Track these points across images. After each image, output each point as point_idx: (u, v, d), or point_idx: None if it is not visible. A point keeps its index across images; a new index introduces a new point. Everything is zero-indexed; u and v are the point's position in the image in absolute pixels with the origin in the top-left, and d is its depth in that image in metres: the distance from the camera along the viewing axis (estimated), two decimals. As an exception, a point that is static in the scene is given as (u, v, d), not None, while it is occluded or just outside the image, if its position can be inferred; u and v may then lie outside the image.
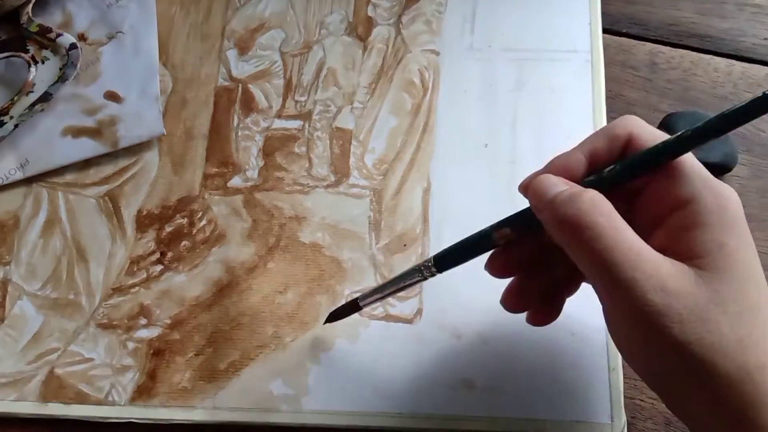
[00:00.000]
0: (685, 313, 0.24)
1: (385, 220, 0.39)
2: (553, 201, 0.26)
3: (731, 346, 0.24)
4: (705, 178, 0.26)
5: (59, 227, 0.40)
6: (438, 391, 0.36)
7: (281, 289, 0.38)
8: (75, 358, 0.38)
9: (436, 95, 0.42)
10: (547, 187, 0.27)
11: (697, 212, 0.25)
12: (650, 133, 0.27)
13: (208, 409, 0.36)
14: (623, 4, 0.45)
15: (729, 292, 0.24)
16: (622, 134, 0.27)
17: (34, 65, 0.43)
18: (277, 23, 0.45)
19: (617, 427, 0.34)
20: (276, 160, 0.41)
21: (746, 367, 0.24)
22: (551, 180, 0.27)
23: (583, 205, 0.25)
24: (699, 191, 0.26)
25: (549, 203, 0.26)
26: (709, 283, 0.24)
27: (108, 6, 0.45)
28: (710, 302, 0.24)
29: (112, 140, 0.42)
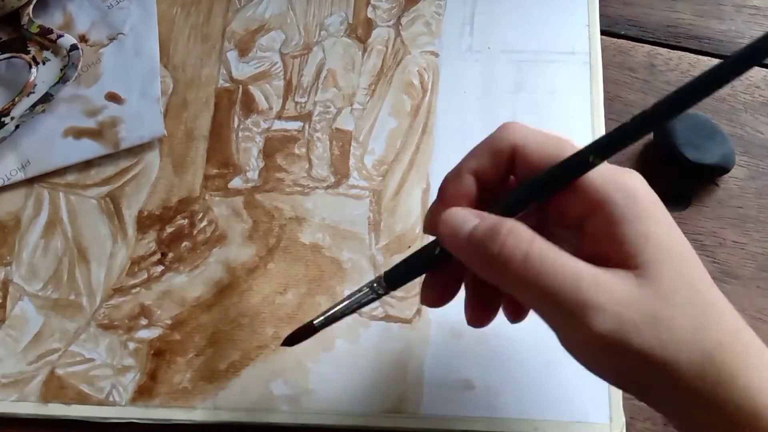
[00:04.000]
0: (639, 319, 0.23)
1: (384, 221, 0.40)
2: (470, 240, 0.25)
3: (689, 337, 0.23)
4: (608, 174, 0.25)
5: (60, 228, 0.41)
6: (438, 391, 0.36)
7: (281, 290, 0.38)
8: (76, 358, 0.38)
9: (436, 96, 0.42)
10: (459, 224, 0.25)
11: (611, 213, 0.24)
12: (535, 142, 0.26)
13: (208, 410, 0.36)
14: (621, 6, 0.45)
15: (671, 282, 0.24)
16: (505, 148, 0.26)
17: (35, 66, 0.43)
18: (278, 25, 0.45)
19: (616, 427, 0.35)
20: (276, 162, 0.41)
21: (706, 350, 0.23)
22: (459, 215, 0.25)
23: (505, 240, 0.24)
24: (605, 191, 0.24)
25: (466, 243, 0.25)
26: (650, 280, 0.23)
27: (109, 7, 0.45)
28: (658, 300, 0.23)
29: (113, 141, 0.42)
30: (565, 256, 0.24)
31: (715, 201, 0.40)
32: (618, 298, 0.23)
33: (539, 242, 0.24)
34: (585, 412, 0.35)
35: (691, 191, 0.40)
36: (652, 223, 0.24)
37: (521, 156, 0.26)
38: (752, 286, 0.38)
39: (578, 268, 0.24)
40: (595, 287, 0.23)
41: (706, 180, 0.40)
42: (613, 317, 0.23)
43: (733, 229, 0.39)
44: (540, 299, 0.24)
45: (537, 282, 0.24)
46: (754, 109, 0.42)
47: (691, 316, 0.23)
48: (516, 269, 0.24)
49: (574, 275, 0.23)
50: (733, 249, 0.39)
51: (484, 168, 0.27)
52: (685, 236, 0.25)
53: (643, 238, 0.24)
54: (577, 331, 0.24)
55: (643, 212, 0.24)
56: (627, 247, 0.24)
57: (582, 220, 0.25)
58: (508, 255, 0.24)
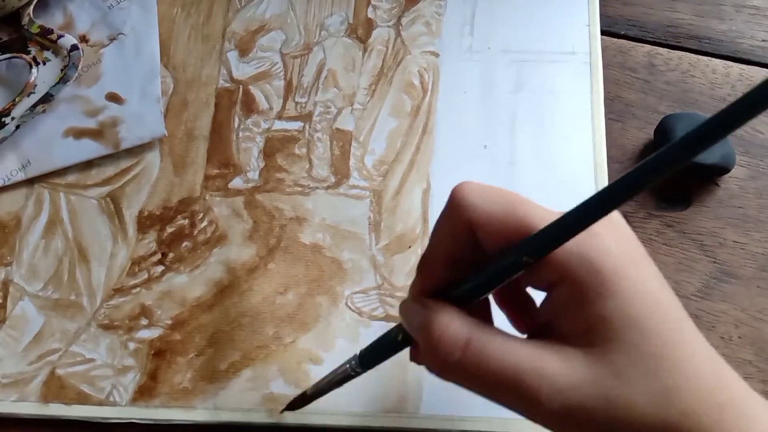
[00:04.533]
0: (589, 401, 0.23)
1: (385, 221, 0.40)
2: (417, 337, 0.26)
3: (646, 412, 0.23)
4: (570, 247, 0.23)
5: (61, 228, 0.41)
6: (438, 391, 0.36)
7: (282, 290, 0.38)
8: (76, 358, 0.38)
9: (436, 97, 0.42)
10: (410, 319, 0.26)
11: (572, 289, 0.23)
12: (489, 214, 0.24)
13: (209, 410, 0.36)
14: (621, 6, 0.45)
15: (625, 358, 0.23)
16: (463, 230, 0.25)
17: (36, 66, 0.43)
18: (278, 25, 0.45)
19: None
20: (276, 162, 0.41)
21: (669, 421, 0.23)
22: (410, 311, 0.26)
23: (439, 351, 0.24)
24: (567, 266, 0.23)
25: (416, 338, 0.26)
26: (601, 358, 0.23)
27: (109, 7, 0.45)
28: (609, 378, 0.23)
29: (114, 141, 0.42)
30: (506, 349, 0.24)
31: (715, 201, 0.40)
32: (564, 384, 0.23)
33: (474, 344, 0.24)
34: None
35: (691, 191, 0.40)
36: (612, 299, 0.23)
37: (481, 233, 0.25)
38: (752, 286, 0.38)
39: (517, 361, 0.23)
40: (538, 378, 0.23)
41: (706, 180, 0.40)
42: (559, 403, 0.23)
43: (733, 229, 0.39)
44: (485, 395, 0.25)
45: (476, 383, 0.24)
46: (755, 109, 0.42)
47: (648, 391, 0.23)
48: (453, 372, 0.24)
49: (513, 371, 0.23)
50: (733, 249, 0.39)
51: (450, 250, 0.26)
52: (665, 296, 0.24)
53: (598, 319, 0.23)
54: (526, 414, 0.24)
55: (604, 287, 0.23)
56: (581, 327, 0.24)
57: (549, 289, 0.25)
58: (443, 363, 0.24)
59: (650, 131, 0.41)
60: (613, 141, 0.41)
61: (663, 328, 0.23)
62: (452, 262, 0.26)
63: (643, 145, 0.41)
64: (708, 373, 0.24)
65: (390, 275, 0.38)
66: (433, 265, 0.26)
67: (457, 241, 0.25)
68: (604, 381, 0.23)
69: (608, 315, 0.23)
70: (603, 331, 0.23)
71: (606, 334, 0.23)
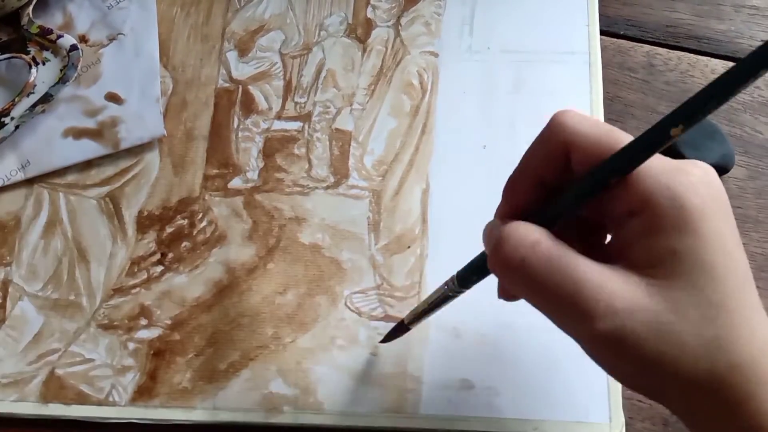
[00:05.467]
0: (642, 330, 0.23)
1: (384, 221, 0.40)
2: (487, 246, 0.26)
3: (696, 354, 0.23)
4: (660, 174, 0.23)
5: (60, 228, 0.41)
6: (438, 391, 0.36)
7: (281, 290, 0.38)
8: (75, 358, 0.38)
9: (435, 97, 0.42)
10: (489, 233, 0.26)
11: (651, 219, 0.23)
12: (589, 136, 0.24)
13: (208, 410, 0.36)
14: (621, 6, 0.45)
15: (688, 298, 0.23)
16: (558, 149, 0.25)
17: (35, 66, 0.43)
18: (277, 25, 0.45)
19: (615, 427, 0.35)
20: (276, 162, 0.41)
21: (716, 371, 0.23)
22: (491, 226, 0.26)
23: (505, 244, 0.24)
24: (652, 195, 0.23)
25: (486, 249, 0.26)
26: (664, 291, 0.23)
27: (109, 8, 0.45)
28: (667, 312, 0.23)
29: (113, 141, 0.42)
30: (572, 260, 0.24)
31: (715, 201, 0.40)
32: (621, 306, 0.23)
33: (543, 246, 0.24)
34: (585, 412, 0.35)
35: (691, 191, 0.40)
36: (690, 236, 0.23)
37: (576, 154, 0.25)
38: (752, 286, 0.38)
39: (580, 273, 0.23)
40: (597, 293, 0.23)
41: (706, 180, 0.40)
42: (612, 323, 0.23)
43: (732, 229, 0.39)
44: (541, 304, 0.25)
45: (535, 287, 0.24)
46: (754, 109, 0.42)
47: (702, 335, 0.23)
48: (515, 272, 0.24)
49: (574, 281, 0.23)
50: (733, 249, 0.39)
51: (540, 172, 0.26)
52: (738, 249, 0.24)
53: (669, 252, 0.23)
54: (577, 332, 0.24)
55: (685, 223, 0.23)
56: (651, 258, 0.23)
57: (629, 217, 0.24)
58: (506, 257, 0.24)
59: (649, 131, 0.41)
60: (613, 141, 0.41)
61: (729, 281, 0.23)
62: (540, 183, 0.26)
63: (642, 145, 0.41)
64: (763, 336, 0.23)
65: (389, 275, 0.38)
66: (519, 186, 0.26)
67: (549, 161, 0.25)
68: (661, 314, 0.23)
69: (681, 250, 0.23)
70: (672, 265, 0.23)
71: (674, 269, 0.23)
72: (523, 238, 0.24)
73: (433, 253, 0.39)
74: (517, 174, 0.27)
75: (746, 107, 0.42)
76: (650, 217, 0.23)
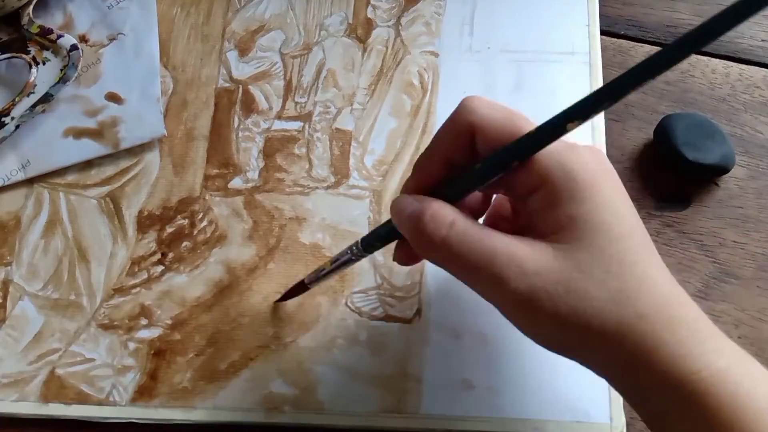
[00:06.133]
0: (551, 288, 0.25)
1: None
2: (405, 224, 0.28)
3: (603, 306, 0.25)
4: (553, 154, 0.26)
5: (60, 228, 0.41)
6: (438, 391, 0.36)
7: (281, 290, 0.38)
8: (76, 358, 0.38)
9: (436, 97, 0.42)
10: (399, 209, 0.28)
11: (550, 193, 0.26)
12: (492, 120, 0.27)
13: (208, 410, 0.36)
14: (621, 6, 0.45)
15: (589, 257, 0.25)
16: (464, 130, 0.27)
17: (35, 66, 0.43)
18: (277, 25, 0.45)
19: (616, 427, 0.35)
20: (276, 162, 0.41)
21: (624, 320, 0.25)
22: (403, 202, 0.28)
23: (426, 224, 0.27)
24: (548, 171, 0.26)
25: (405, 229, 0.28)
26: (568, 253, 0.25)
27: (109, 7, 0.45)
28: (573, 271, 0.25)
29: (114, 141, 0.42)
30: (484, 234, 0.26)
31: (715, 201, 0.40)
32: (531, 269, 0.25)
33: (459, 224, 0.27)
34: (585, 412, 0.35)
35: (691, 191, 0.40)
36: (584, 204, 0.25)
37: (480, 136, 0.27)
38: (752, 286, 0.38)
39: (494, 244, 0.26)
40: (509, 259, 0.25)
41: (706, 180, 0.40)
42: (524, 285, 0.25)
43: (733, 229, 0.39)
44: (461, 274, 0.27)
45: (455, 260, 0.27)
46: (754, 109, 0.42)
47: (607, 289, 0.25)
48: (437, 249, 0.27)
49: (489, 251, 0.26)
50: (733, 249, 0.39)
51: (448, 151, 0.28)
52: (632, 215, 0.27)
53: (568, 219, 0.26)
54: (495, 297, 0.27)
55: (578, 193, 0.26)
56: (553, 226, 0.26)
57: (529, 195, 0.27)
58: (429, 237, 0.27)
59: (650, 131, 0.41)
60: (613, 141, 0.41)
61: (627, 240, 0.26)
62: (448, 162, 0.28)
63: (642, 145, 0.41)
64: (666, 289, 0.26)
65: (390, 275, 0.38)
66: (429, 165, 0.29)
67: (456, 142, 0.28)
68: (568, 272, 0.25)
69: (578, 217, 0.25)
70: (572, 231, 0.25)
71: (574, 234, 0.25)
72: (442, 218, 0.27)
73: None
74: (427, 153, 0.29)
75: (746, 107, 0.42)
76: (549, 192, 0.26)
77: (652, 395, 0.25)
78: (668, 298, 0.26)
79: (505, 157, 0.26)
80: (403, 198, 0.29)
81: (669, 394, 0.25)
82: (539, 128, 0.25)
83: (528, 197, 0.27)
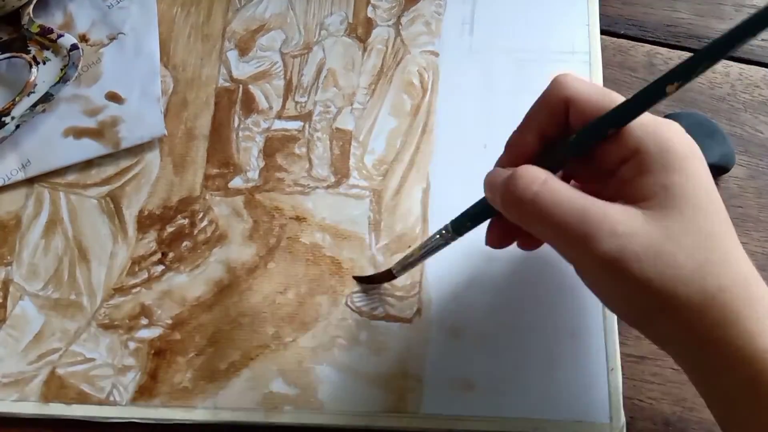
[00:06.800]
0: (641, 251, 0.25)
1: (384, 221, 0.40)
2: (498, 189, 0.28)
3: (690, 275, 0.25)
4: (647, 125, 0.27)
5: (61, 227, 0.41)
6: (438, 391, 0.36)
7: (282, 290, 0.38)
8: (76, 358, 0.38)
9: (436, 96, 0.42)
10: (494, 178, 0.29)
11: (641, 161, 0.26)
12: (586, 94, 0.28)
13: (209, 409, 0.36)
14: (621, 6, 0.45)
15: (680, 226, 0.25)
16: (558, 104, 0.28)
17: (36, 66, 0.43)
18: (278, 24, 0.45)
19: (616, 427, 0.35)
20: (276, 161, 0.41)
21: (708, 291, 0.25)
22: (497, 172, 0.29)
23: (519, 182, 0.27)
24: (641, 141, 0.26)
25: (497, 193, 0.29)
26: (659, 221, 0.25)
27: (109, 7, 0.45)
28: (663, 237, 0.25)
29: (114, 141, 0.42)
30: (576, 194, 0.26)
31: (715, 200, 0.40)
32: (622, 230, 0.25)
33: (551, 183, 0.27)
34: (585, 412, 0.35)
35: (691, 191, 0.40)
36: (676, 175, 0.26)
37: (575, 110, 0.28)
38: (752, 286, 0.38)
39: (586, 203, 0.26)
40: (601, 218, 0.26)
41: (706, 179, 0.40)
42: (615, 245, 0.25)
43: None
44: (550, 232, 0.27)
45: (546, 218, 0.27)
46: (754, 109, 0.42)
47: (694, 258, 0.25)
48: (528, 206, 0.27)
49: (580, 209, 0.26)
50: (733, 248, 0.39)
51: (543, 127, 0.29)
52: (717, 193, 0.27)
53: (661, 187, 0.26)
54: (582, 257, 0.27)
55: (671, 163, 0.26)
56: (645, 193, 0.26)
57: (618, 166, 0.27)
58: (521, 194, 0.27)
59: (650, 131, 0.41)
60: (613, 140, 0.41)
61: (714, 214, 0.26)
62: (541, 137, 0.29)
63: (642, 145, 0.41)
64: (746, 267, 0.26)
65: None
66: (522, 139, 0.30)
67: (550, 116, 0.29)
68: (658, 238, 0.25)
69: (670, 185, 0.26)
70: (664, 198, 0.26)
71: (666, 202, 0.26)
72: (534, 176, 0.27)
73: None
74: (520, 128, 0.30)
75: (746, 106, 0.42)
76: (641, 161, 0.26)
77: (723, 371, 0.26)
78: (748, 275, 0.26)
79: (602, 126, 0.27)
80: (495, 170, 0.30)
81: (739, 371, 0.25)
82: (638, 94, 0.26)
83: (620, 167, 0.27)
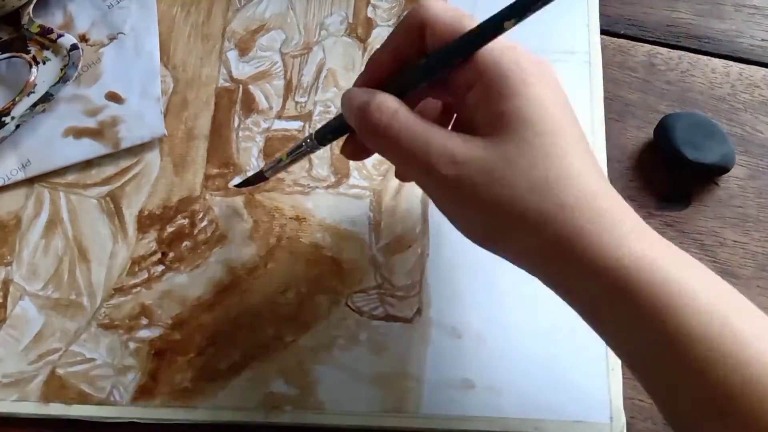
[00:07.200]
0: (477, 176, 0.26)
1: (384, 221, 0.40)
2: (354, 113, 0.29)
3: (526, 195, 0.26)
4: (492, 54, 0.27)
5: (61, 227, 0.41)
6: (438, 391, 0.36)
7: (282, 290, 0.38)
8: (76, 358, 0.38)
9: (436, 96, 0.42)
10: (350, 100, 0.30)
11: (483, 89, 0.27)
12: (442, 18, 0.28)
13: (209, 409, 0.36)
14: (621, 6, 0.45)
15: (515, 148, 0.26)
16: (415, 26, 0.29)
17: (36, 66, 0.43)
18: (278, 24, 0.45)
19: (616, 427, 0.35)
20: (276, 161, 0.41)
21: (545, 209, 0.26)
22: (353, 93, 0.30)
23: (373, 113, 0.28)
24: (483, 68, 0.27)
25: (352, 117, 0.29)
26: (496, 146, 0.26)
27: (109, 7, 0.45)
28: (499, 161, 0.26)
29: (114, 141, 0.42)
30: (423, 126, 0.28)
31: (715, 201, 0.40)
32: (459, 158, 0.26)
33: (401, 114, 0.28)
34: (585, 412, 0.35)
35: (691, 191, 0.40)
36: (515, 99, 0.26)
37: (430, 32, 0.28)
38: (752, 286, 0.38)
39: (430, 134, 0.27)
40: (441, 149, 0.27)
41: (706, 179, 0.40)
42: (453, 173, 0.26)
43: (733, 229, 0.39)
44: (399, 161, 0.30)
45: (395, 147, 0.28)
46: (754, 109, 0.42)
47: (529, 178, 0.26)
48: (380, 136, 0.28)
49: (424, 140, 0.27)
50: (733, 248, 0.39)
51: (399, 47, 0.30)
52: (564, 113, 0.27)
53: (496, 115, 0.27)
54: (427, 184, 0.29)
55: (508, 89, 0.27)
56: (483, 121, 0.27)
57: (466, 92, 0.28)
58: (374, 124, 0.28)
59: (650, 131, 0.41)
60: (613, 140, 0.41)
61: (556, 136, 0.27)
62: (398, 58, 0.30)
63: (643, 145, 0.41)
64: (592, 182, 0.26)
65: (390, 275, 0.38)
66: (381, 59, 0.30)
67: (407, 37, 0.29)
68: (493, 163, 0.26)
69: (507, 111, 0.26)
70: (502, 124, 0.26)
71: (503, 128, 0.26)
72: (386, 107, 0.28)
73: (434, 253, 0.39)
74: (380, 48, 0.30)
75: (746, 106, 0.42)
76: (482, 88, 0.27)
77: (578, 285, 0.26)
78: (593, 191, 0.26)
79: (448, 54, 0.28)
80: (353, 90, 0.30)
81: (594, 283, 0.26)
82: (479, 26, 0.27)
83: (466, 95, 0.28)
